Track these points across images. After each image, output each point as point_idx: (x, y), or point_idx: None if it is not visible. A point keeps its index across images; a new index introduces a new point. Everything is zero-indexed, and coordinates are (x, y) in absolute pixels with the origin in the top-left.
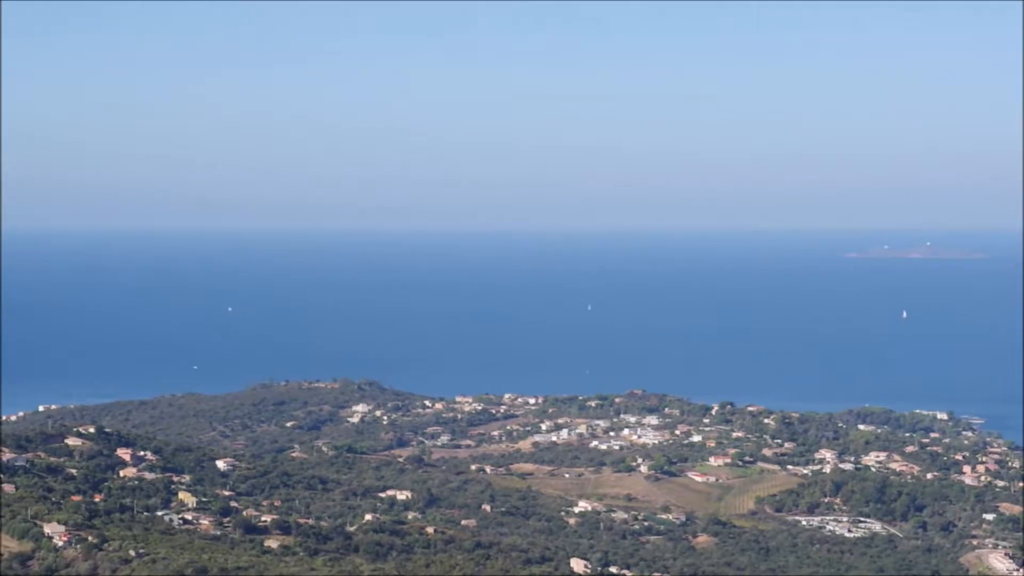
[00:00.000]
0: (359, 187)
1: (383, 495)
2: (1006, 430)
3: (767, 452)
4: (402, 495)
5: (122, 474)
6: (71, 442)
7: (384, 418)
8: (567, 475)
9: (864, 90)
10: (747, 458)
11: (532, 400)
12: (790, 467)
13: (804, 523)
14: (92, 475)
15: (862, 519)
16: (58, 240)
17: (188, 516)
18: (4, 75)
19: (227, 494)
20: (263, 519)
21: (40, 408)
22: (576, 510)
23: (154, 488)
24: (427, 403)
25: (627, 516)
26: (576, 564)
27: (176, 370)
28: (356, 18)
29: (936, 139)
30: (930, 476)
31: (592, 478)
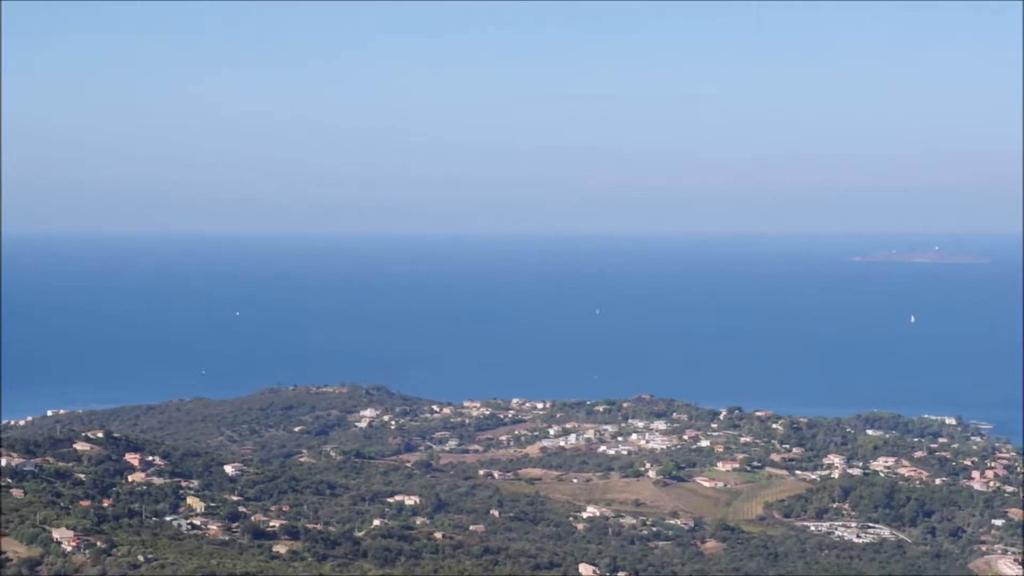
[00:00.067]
0: (359, 187)
1: (391, 500)
2: (1015, 435)
3: (775, 457)
4: (410, 500)
5: (130, 479)
6: (80, 447)
7: (392, 423)
8: (575, 480)
9: (864, 90)
10: (755, 463)
11: (540, 405)
12: (798, 472)
13: (813, 529)
14: (101, 480)
15: (871, 524)
16: (60, 244)
17: (196, 521)
18: (4, 75)
19: (235, 499)
20: (271, 524)
21: (48, 413)
22: (584, 515)
23: (162, 493)
24: (435, 408)
25: (635, 521)
26: (584, 569)
27: (184, 375)
28: (356, 18)
29: (936, 139)
30: (939, 481)
31: (600, 483)
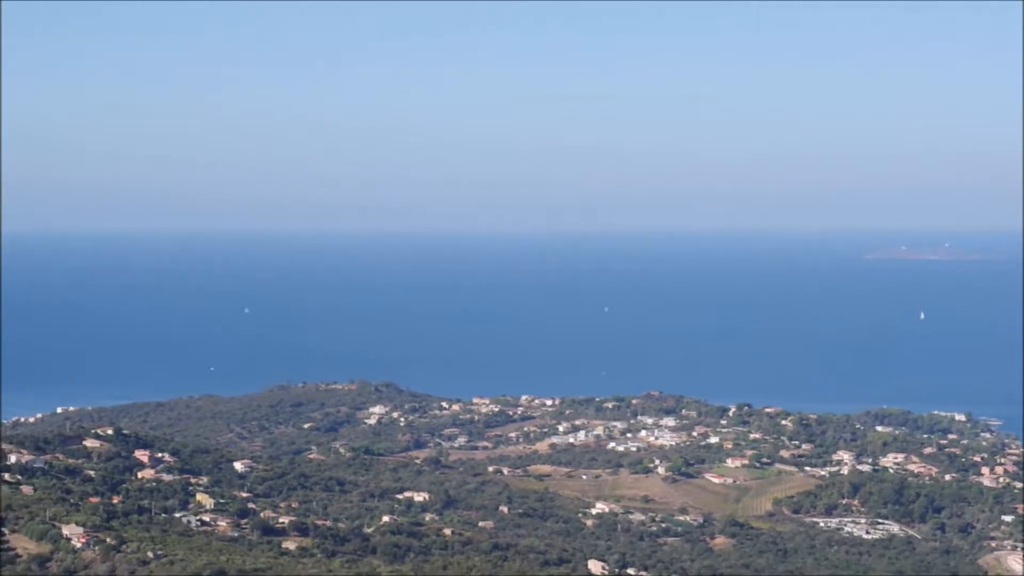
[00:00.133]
0: (359, 187)
1: (400, 497)
2: None
3: (784, 454)
4: (419, 497)
5: (140, 476)
6: (89, 444)
7: (401, 420)
8: (584, 476)
9: (864, 90)
10: (764, 460)
11: (549, 402)
12: (808, 468)
13: (822, 525)
14: (110, 477)
15: (880, 521)
16: (61, 242)
17: (206, 518)
18: (4, 75)
19: (245, 496)
20: (281, 521)
21: (58, 410)
22: (593, 512)
23: (172, 490)
24: (444, 405)
25: (644, 518)
26: (594, 566)
27: (193, 372)
28: (356, 18)
29: (936, 139)
30: (948, 478)
31: (609, 479)
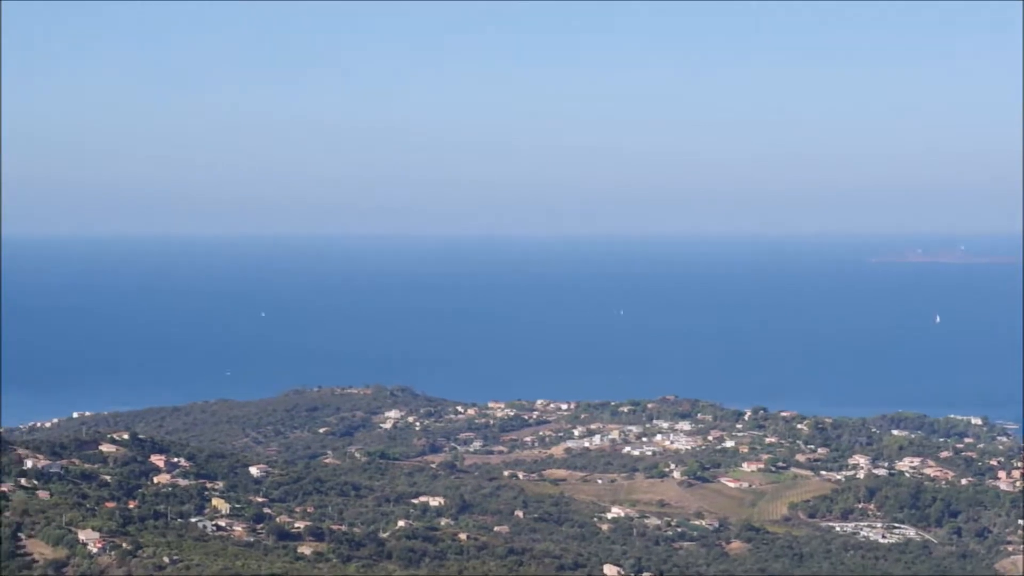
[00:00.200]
0: (359, 188)
1: (416, 501)
2: None
3: (800, 458)
4: (435, 501)
5: (156, 480)
6: (105, 448)
7: (416, 424)
8: (600, 481)
9: (864, 90)
10: (780, 464)
11: (564, 406)
12: (823, 473)
13: (838, 529)
14: (126, 481)
15: (896, 525)
16: (63, 246)
17: (222, 522)
18: (4, 75)
19: (260, 500)
20: (296, 525)
21: (74, 415)
22: (609, 516)
23: (188, 494)
24: (459, 409)
25: (660, 522)
26: (609, 570)
27: (209, 376)
28: (356, 18)
29: (936, 139)
30: (965, 482)
31: (625, 484)
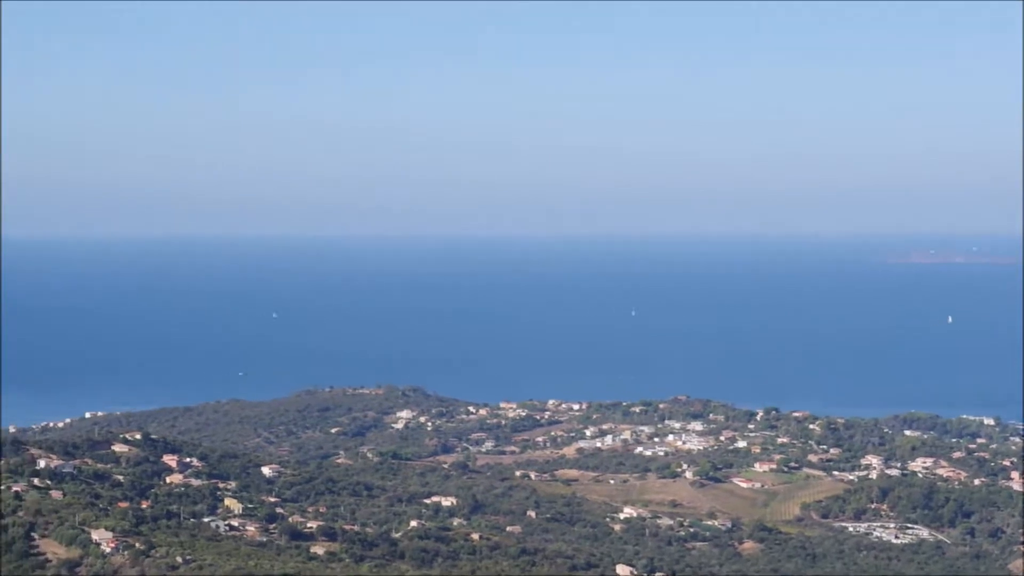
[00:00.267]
0: (359, 188)
1: (428, 501)
2: None
3: (813, 458)
4: (447, 501)
5: (168, 480)
6: (118, 448)
7: (428, 424)
8: (612, 481)
9: (864, 90)
10: (792, 464)
11: (576, 406)
12: (836, 473)
13: (851, 529)
14: (139, 481)
15: (909, 525)
16: (66, 247)
17: (234, 522)
18: (4, 75)
19: (273, 500)
20: (309, 525)
21: (87, 415)
22: (621, 516)
23: (200, 494)
24: (471, 409)
25: (672, 522)
26: (622, 570)
27: (222, 376)
28: (356, 18)
29: (936, 139)
30: (977, 482)
31: (637, 484)
